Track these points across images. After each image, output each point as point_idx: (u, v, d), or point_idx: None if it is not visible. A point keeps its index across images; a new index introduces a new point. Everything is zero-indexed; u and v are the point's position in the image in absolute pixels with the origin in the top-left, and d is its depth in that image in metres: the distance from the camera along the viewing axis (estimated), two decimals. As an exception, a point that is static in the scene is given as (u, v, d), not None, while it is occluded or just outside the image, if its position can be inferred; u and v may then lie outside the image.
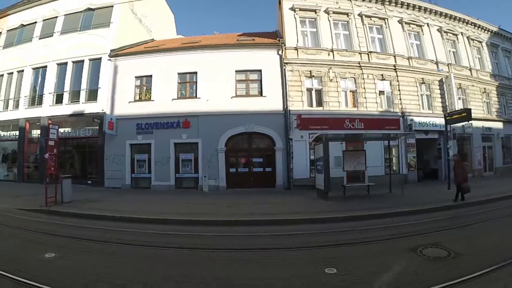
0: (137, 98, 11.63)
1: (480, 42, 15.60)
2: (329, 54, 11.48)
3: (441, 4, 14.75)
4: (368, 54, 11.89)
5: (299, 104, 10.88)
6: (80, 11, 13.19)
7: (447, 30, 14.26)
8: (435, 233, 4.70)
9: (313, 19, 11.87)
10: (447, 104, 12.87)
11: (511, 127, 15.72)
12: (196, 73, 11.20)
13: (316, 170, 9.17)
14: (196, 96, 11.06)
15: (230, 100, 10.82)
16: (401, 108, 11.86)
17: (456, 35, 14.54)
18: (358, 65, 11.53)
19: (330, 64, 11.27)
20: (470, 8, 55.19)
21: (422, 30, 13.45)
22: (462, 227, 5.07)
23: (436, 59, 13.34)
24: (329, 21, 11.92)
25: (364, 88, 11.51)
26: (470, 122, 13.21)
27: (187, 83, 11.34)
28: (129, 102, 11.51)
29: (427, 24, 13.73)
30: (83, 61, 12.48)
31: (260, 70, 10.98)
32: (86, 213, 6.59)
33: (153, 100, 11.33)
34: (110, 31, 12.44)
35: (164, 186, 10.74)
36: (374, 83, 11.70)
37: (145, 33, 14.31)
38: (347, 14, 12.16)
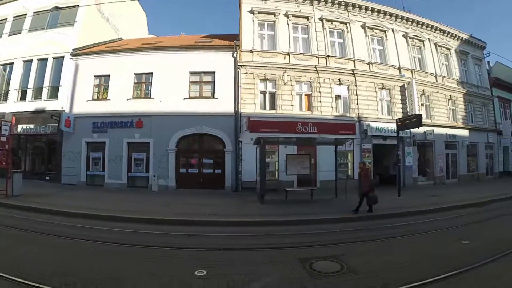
0: (95, 97, 11.43)
1: (449, 49, 15.11)
2: (285, 58, 11.15)
3: (415, 11, 14.38)
4: (326, 58, 11.53)
5: (251, 106, 10.58)
6: (48, 9, 12.98)
7: (413, 36, 13.81)
8: (344, 244, 4.39)
9: (272, 22, 11.53)
10: (408, 110, 12.46)
11: (477, 134, 15.26)
12: (151, 73, 10.97)
13: (258, 173, 8.89)
14: (150, 97, 10.84)
15: (182, 101, 10.57)
16: (358, 113, 11.49)
17: (422, 41, 14.09)
18: (315, 69, 11.19)
19: (285, 68, 10.94)
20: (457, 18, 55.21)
21: (386, 36, 13.03)
22: (373, 241, 4.64)
23: (399, 65, 12.91)
24: (288, 24, 11.57)
25: (320, 92, 11.18)
26: (431, 128, 12.96)
27: (143, 84, 11.12)
28: (87, 101, 11.31)
29: (392, 29, 13.30)
30: (47, 59, 12.31)
31: (214, 72, 10.71)
32: (27, 205, 6.91)
33: (109, 100, 11.13)
34: (74, 30, 12.23)
35: (117, 184, 10.55)
36: (331, 87, 11.35)
37: (112, 32, 14.07)
38: (307, 18, 11.80)
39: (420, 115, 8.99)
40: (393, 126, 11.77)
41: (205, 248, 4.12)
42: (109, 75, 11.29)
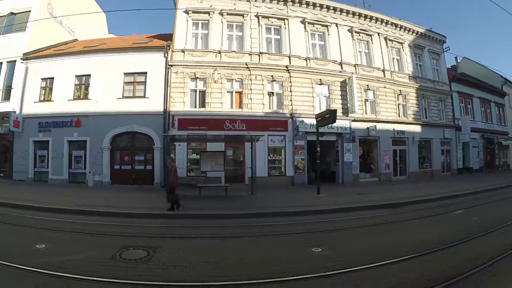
0: (42, 98, 11.63)
1: (401, 43, 14.26)
2: (216, 56, 10.89)
3: (378, 9, 13.55)
4: (259, 55, 11.17)
5: (180, 105, 10.46)
6: (4, 15, 13.25)
7: (360, 31, 13.12)
8: (174, 239, 4.36)
9: (207, 21, 11.25)
10: (349, 106, 11.94)
11: (432, 130, 14.44)
12: (90, 75, 11.06)
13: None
14: (88, 97, 10.95)
15: (116, 101, 10.61)
16: (291, 110, 11.10)
17: (370, 35, 13.36)
18: (246, 66, 10.86)
19: (215, 66, 10.69)
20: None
21: (328, 31, 12.43)
22: (210, 239, 4.45)
23: (341, 60, 12.33)
24: (222, 22, 11.25)
25: (251, 89, 10.87)
26: (374, 124, 12.38)
27: (82, 85, 11.22)
28: (34, 102, 11.54)
29: (336, 24, 12.67)
30: (2, 63, 12.63)
31: (146, 72, 10.66)
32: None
33: (53, 101, 11.31)
34: (25, 35, 12.41)
35: (59, 180, 10.80)
36: (263, 84, 11.01)
37: (66, 34, 14.20)
38: (242, 15, 11.42)
39: (334, 111, 8.49)
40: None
41: (64, 231, 4.57)
42: (53, 78, 11.45)
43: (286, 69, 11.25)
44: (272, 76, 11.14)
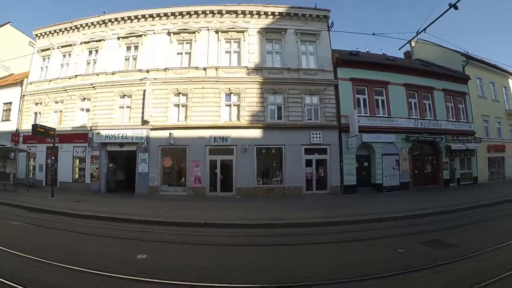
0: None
1: (242, 31, 14.88)
2: (49, 84, 16.77)
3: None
4: (74, 78, 16.03)
5: (26, 125, 17.04)
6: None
7: (180, 31, 15.34)
8: None
9: (48, 56, 17.41)
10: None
11: (286, 135, 14.34)
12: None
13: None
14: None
15: None
16: (93, 123, 15.08)
17: (194, 32, 15.11)
18: (64, 89, 16.03)
19: (47, 92, 16.60)
20: None
21: (141, 41, 15.74)
22: None
23: (150, 67, 15.12)
24: (57, 55, 17.03)
25: (67, 108, 15.89)
26: (170, 132, 14.19)
27: (-6, 114, 20.12)
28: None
29: (153, 31, 15.68)
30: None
31: (11, 102, 18.03)
32: None
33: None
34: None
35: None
36: (74, 103, 15.82)
37: (2, 71, 24.38)
38: (71, 45, 16.80)
39: (34, 125, 12.02)
40: (126, 132, 14.76)
41: None
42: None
43: (92, 86, 15.47)
44: (82, 94, 15.71)
